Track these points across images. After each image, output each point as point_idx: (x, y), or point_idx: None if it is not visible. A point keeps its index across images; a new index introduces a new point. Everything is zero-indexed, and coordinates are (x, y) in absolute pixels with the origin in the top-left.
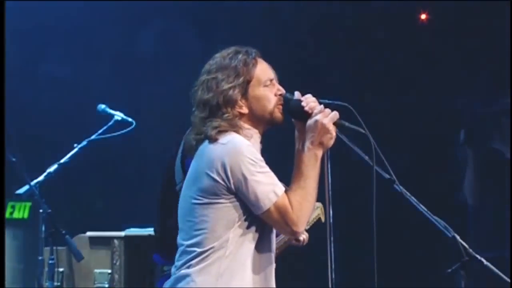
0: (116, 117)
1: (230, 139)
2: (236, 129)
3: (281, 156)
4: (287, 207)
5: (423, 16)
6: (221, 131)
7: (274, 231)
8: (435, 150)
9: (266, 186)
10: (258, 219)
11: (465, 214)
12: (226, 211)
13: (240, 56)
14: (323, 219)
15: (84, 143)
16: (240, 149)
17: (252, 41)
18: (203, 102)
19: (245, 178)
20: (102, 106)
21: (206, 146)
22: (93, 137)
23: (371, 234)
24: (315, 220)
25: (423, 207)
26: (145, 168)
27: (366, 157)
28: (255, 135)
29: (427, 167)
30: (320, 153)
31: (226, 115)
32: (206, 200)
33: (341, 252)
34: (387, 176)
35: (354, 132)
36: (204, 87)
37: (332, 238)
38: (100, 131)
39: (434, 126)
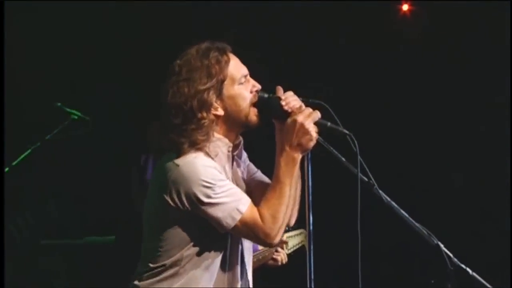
0: (73, 116)
1: (186, 160)
2: (204, 143)
3: (270, 155)
4: (255, 221)
5: (405, 7)
6: (192, 145)
7: (247, 247)
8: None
9: (227, 206)
10: (218, 238)
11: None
12: (180, 230)
13: (211, 53)
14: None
15: (38, 144)
16: (194, 171)
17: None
18: (175, 107)
19: (201, 203)
20: (58, 104)
21: (164, 163)
22: (48, 137)
23: (356, 241)
24: (297, 246)
25: (404, 212)
26: (106, 170)
27: (349, 164)
28: (224, 148)
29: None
30: (298, 156)
31: (203, 121)
32: (159, 219)
33: (322, 261)
34: (366, 179)
35: (335, 133)
36: (175, 90)
37: (312, 247)
38: (55, 131)
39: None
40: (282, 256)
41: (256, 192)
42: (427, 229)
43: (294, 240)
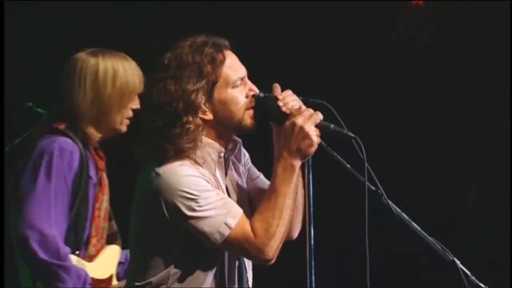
0: (45, 117)
1: (167, 169)
2: (190, 150)
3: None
4: (247, 236)
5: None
6: (178, 152)
7: (246, 262)
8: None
9: (214, 220)
10: (209, 254)
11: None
12: (166, 245)
13: (206, 50)
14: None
15: (6, 149)
16: (175, 182)
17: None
18: (159, 107)
19: (185, 216)
20: (29, 104)
21: (146, 171)
22: (16, 141)
23: (363, 257)
24: None
25: (416, 225)
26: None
27: (354, 171)
28: (213, 154)
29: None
30: (297, 162)
31: (188, 126)
32: (144, 231)
33: (324, 279)
34: (373, 188)
35: (339, 136)
36: (161, 87)
37: (313, 263)
38: (25, 134)
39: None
40: None
41: (256, 199)
42: (441, 243)
43: None
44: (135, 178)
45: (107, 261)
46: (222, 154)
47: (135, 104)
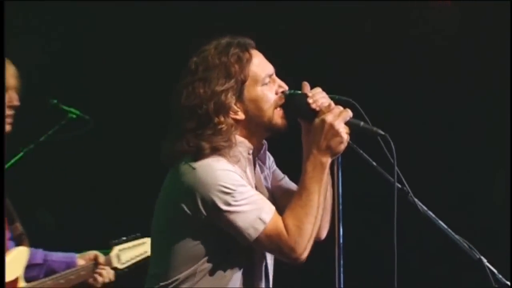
0: (70, 115)
1: (203, 163)
2: (226, 149)
3: (292, 161)
4: (280, 233)
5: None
6: (214, 151)
7: (270, 262)
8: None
9: (249, 215)
10: (239, 251)
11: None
12: (195, 242)
13: (231, 50)
14: None
15: (31, 146)
16: (212, 175)
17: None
18: (189, 110)
19: (220, 210)
20: (54, 101)
21: (179, 167)
22: (42, 138)
23: (391, 255)
24: (138, 259)
25: (442, 223)
26: (108, 175)
27: (382, 170)
28: (244, 152)
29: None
30: (327, 160)
31: (220, 126)
32: (172, 229)
33: (352, 277)
34: (399, 185)
35: (369, 134)
36: (190, 90)
37: (342, 262)
38: (50, 132)
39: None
40: (105, 273)
41: (282, 201)
42: (468, 241)
43: (130, 252)
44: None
45: (11, 263)
46: (251, 151)
47: (11, 101)
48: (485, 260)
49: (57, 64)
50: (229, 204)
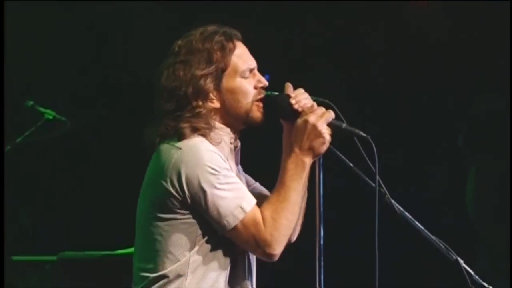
0: (47, 116)
1: (189, 143)
2: (206, 130)
3: (268, 161)
4: (258, 225)
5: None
6: (194, 131)
7: (252, 260)
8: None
9: (231, 201)
10: (227, 239)
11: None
12: (184, 229)
13: (216, 38)
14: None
15: (8, 148)
16: (199, 155)
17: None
18: (168, 91)
19: (204, 192)
20: (30, 102)
21: (162, 148)
22: (18, 140)
23: (372, 256)
24: None
25: (419, 224)
26: (84, 177)
27: (360, 172)
28: (226, 137)
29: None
30: (309, 160)
31: (198, 110)
32: (159, 215)
33: (333, 278)
34: (374, 185)
35: (350, 136)
36: (170, 72)
37: (322, 263)
38: (27, 133)
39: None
40: None
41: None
42: (445, 242)
43: None
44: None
45: None
46: (233, 140)
47: None
48: (461, 261)
49: (33, 65)
50: (213, 186)
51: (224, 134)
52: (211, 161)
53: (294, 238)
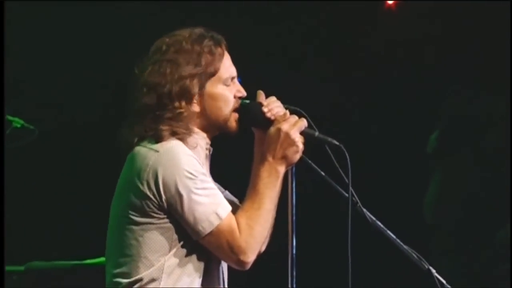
0: (14, 124)
1: (166, 147)
2: (186, 135)
3: (238, 170)
4: (233, 232)
5: (390, 1)
6: (173, 134)
7: (224, 268)
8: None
9: (207, 206)
10: (202, 245)
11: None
12: (159, 233)
13: (205, 41)
14: None
15: None
16: (176, 159)
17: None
18: (149, 86)
19: (180, 196)
20: None
21: (139, 151)
22: None
23: (343, 266)
24: None
25: (391, 234)
26: (50, 185)
27: (331, 180)
28: (202, 142)
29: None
30: (282, 169)
31: (180, 111)
32: (134, 219)
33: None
34: (346, 194)
35: (323, 144)
36: (155, 68)
37: (294, 273)
38: None
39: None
40: None
41: None
42: (418, 252)
43: None
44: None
45: None
46: (208, 146)
47: None
48: (434, 271)
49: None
50: (190, 191)
51: (200, 139)
52: (188, 165)
53: (263, 248)
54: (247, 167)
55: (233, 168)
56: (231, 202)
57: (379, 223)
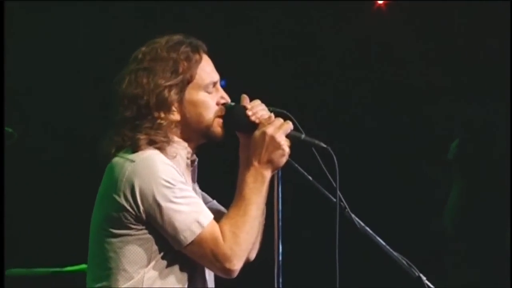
0: None
1: (143, 156)
2: (164, 144)
3: (224, 176)
4: (216, 239)
5: (380, 1)
6: (151, 143)
7: (208, 276)
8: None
9: (187, 215)
10: (184, 254)
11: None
12: (139, 245)
13: (182, 48)
14: None
15: None
16: (153, 167)
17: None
18: (128, 98)
19: (158, 205)
20: None
21: (116, 161)
22: None
23: (331, 272)
24: None
25: (380, 240)
26: (31, 190)
27: (319, 185)
28: (182, 152)
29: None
30: (268, 173)
31: (159, 121)
32: (112, 231)
33: None
34: (334, 199)
35: (309, 147)
36: (132, 78)
37: (281, 280)
38: None
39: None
40: None
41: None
42: (408, 259)
43: None
44: None
45: None
46: (189, 155)
47: None
48: (424, 278)
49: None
50: (168, 200)
51: (181, 148)
52: (165, 174)
53: (253, 256)
54: (234, 175)
55: (219, 177)
56: (218, 212)
57: (368, 229)
